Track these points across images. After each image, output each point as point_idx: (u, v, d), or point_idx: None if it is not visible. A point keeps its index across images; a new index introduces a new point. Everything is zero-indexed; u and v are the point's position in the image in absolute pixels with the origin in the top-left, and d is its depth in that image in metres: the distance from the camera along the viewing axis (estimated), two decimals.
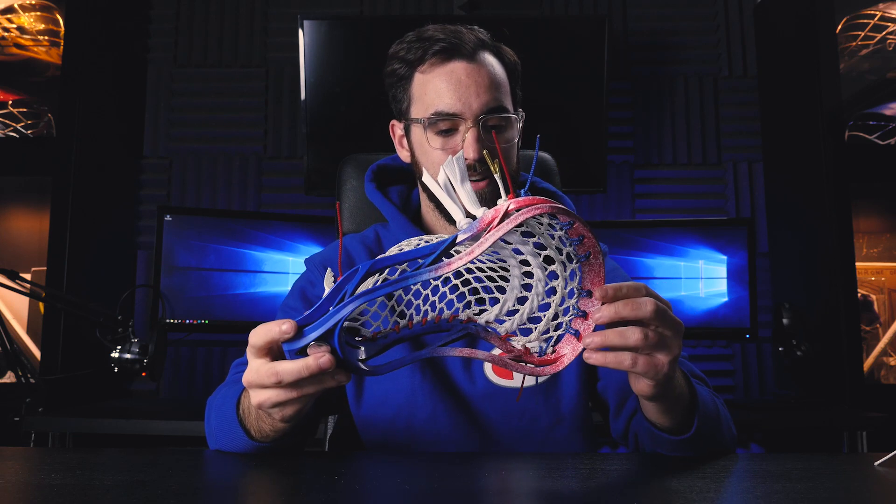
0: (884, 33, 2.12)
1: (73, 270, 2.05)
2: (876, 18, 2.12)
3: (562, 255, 0.67)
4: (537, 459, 0.80)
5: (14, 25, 2.16)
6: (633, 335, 0.68)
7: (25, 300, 2.09)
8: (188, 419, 1.66)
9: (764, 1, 2.45)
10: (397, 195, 1.12)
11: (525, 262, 0.68)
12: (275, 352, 0.68)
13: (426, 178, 0.69)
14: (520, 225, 0.63)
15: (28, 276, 1.99)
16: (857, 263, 2.05)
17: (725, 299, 2.06)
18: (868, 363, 2.05)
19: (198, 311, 1.99)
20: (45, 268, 2.04)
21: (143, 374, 1.66)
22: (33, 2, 2.17)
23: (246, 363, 0.95)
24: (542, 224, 0.65)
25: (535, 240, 0.65)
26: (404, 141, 1.08)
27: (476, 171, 0.98)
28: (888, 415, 1.74)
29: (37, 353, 2.06)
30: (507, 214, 0.62)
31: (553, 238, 0.66)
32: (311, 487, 0.65)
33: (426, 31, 1.01)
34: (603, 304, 0.68)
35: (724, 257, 2.06)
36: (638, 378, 0.73)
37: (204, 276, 2.00)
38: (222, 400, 0.87)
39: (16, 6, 2.17)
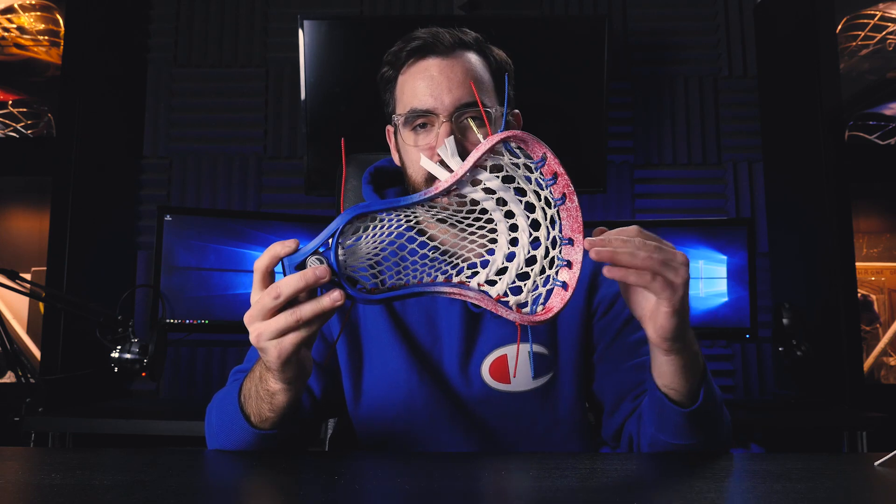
0: (884, 33, 2.11)
1: (73, 270, 2.05)
2: (876, 18, 2.12)
3: (540, 199, 0.72)
4: (537, 459, 0.80)
5: (14, 25, 2.15)
6: (640, 250, 0.72)
7: (25, 300, 2.09)
8: (188, 419, 1.66)
9: (764, 1, 2.45)
10: (394, 197, 1.12)
11: (509, 214, 0.73)
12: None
13: (423, 161, 0.74)
14: (500, 169, 0.70)
15: (28, 276, 1.99)
16: (857, 263, 2.05)
17: (725, 299, 2.06)
18: (868, 363, 2.05)
19: (198, 311, 1.99)
20: (45, 268, 2.04)
21: (143, 374, 1.66)
22: (33, 2, 2.17)
23: (245, 370, 0.96)
24: (518, 167, 0.71)
25: (515, 185, 0.72)
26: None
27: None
28: (888, 415, 1.74)
29: (37, 353, 2.06)
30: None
31: (531, 182, 0.72)
32: (311, 487, 0.65)
33: (411, 34, 1.01)
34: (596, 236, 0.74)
35: (724, 257, 2.06)
36: (656, 308, 0.74)
37: (204, 276, 2.00)
38: (224, 394, 0.89)
39: (16, 6, 2.16)
